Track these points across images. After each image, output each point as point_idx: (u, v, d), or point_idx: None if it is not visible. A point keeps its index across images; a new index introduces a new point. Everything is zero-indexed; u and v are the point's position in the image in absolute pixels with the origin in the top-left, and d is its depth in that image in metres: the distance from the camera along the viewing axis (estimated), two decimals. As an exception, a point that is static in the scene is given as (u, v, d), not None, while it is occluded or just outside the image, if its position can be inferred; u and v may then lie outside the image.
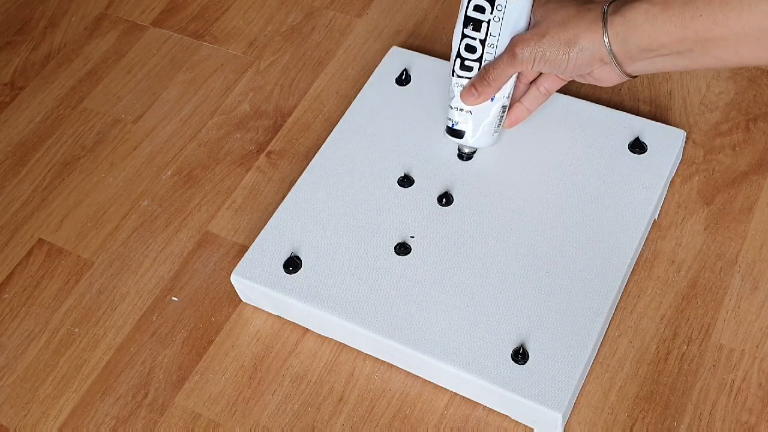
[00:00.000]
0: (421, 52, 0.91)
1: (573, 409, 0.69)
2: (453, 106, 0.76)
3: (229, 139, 0.91)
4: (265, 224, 0.78)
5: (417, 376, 0.73)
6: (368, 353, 0.74)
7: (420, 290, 0.73)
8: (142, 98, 0.96)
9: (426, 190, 0.79)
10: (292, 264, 0.75)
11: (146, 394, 0.74)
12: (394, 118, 0.84)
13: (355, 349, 0.75)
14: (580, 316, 0.70)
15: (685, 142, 0.82)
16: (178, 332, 0.78)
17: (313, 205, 0.79)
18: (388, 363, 0.74)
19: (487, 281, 0.72)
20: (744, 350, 0.71)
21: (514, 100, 0.77)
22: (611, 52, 0.66)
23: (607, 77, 0.70)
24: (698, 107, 0.86)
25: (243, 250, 0.81)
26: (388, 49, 0.91)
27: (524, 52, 0.69)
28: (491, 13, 0.71)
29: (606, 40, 0.66)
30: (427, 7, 1.00)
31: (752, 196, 0.80)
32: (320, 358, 0.75)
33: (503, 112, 0.76)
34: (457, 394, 0.71)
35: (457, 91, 0.75)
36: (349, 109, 0.86)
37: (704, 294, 0.74)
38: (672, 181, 0.81)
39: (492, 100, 0.74)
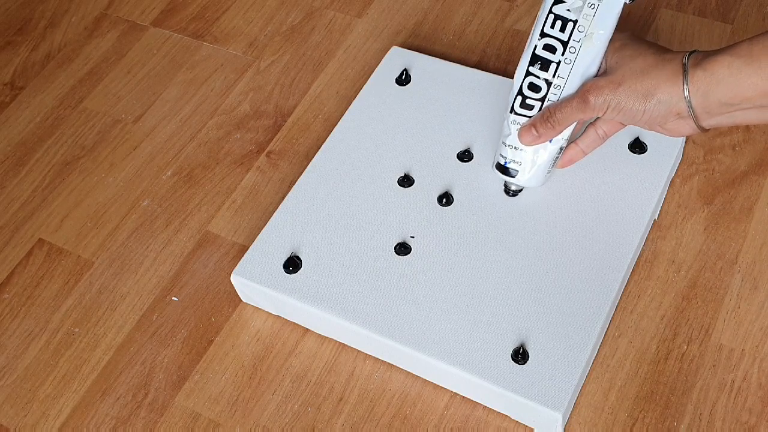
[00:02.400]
0: (421, 52, 0.91)
1: (573, 409, 0.69)
2: (508, 143, 0.73)
3: (229, 139, 0.91)
4: (265, 224, 0.78)
5: (417, 376, 0.73)
6: (368, 353, 0.74)
7: (420, 290, 0.73)
8: (142, 98, 0.96)
9: (426, 190, 0.79)
10: (292, 264, 0.75)
11: (146, 394, 0.74)
12: (394, 118, 0.84)
13: (355, 349, 0.75)
14: (580, 316, 0.70)
15: (685, 142, 0.82)
16: (178, 332, 0.78)
17: (313, 205, 0.79)
18: (388, 363, 0.74)
19: (487, 281, 0.72)
20: (744, 350, 0.71)
21: (569, 140, 0.74)
22: (690, 107, 0.64)
23: (679, 129, 0.67)
24: (698, 107, 0.86)
25: (243, 250, 0.81)
26: (388, 49, 0.91)
27: (598, 99, 0.67)
28: (562, 54, 0.68)
29: (686, 93, 0.63)
30: (427, 7, 1.00)
31: (752, 196, 0.80)
32: (320, 358, 0.75)
33: (559, 153, 0.73)
34: (457, 394, 0.71)
35: (514, 128, 0.72)
36: (349, 109, 0.86)
37: (704, 294, 0.74)
38: (672, 181, 0.81)
39: (550, 141, 0.72)
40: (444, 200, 0.78)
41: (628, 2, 0.67)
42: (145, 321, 0.79)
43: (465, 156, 0.80)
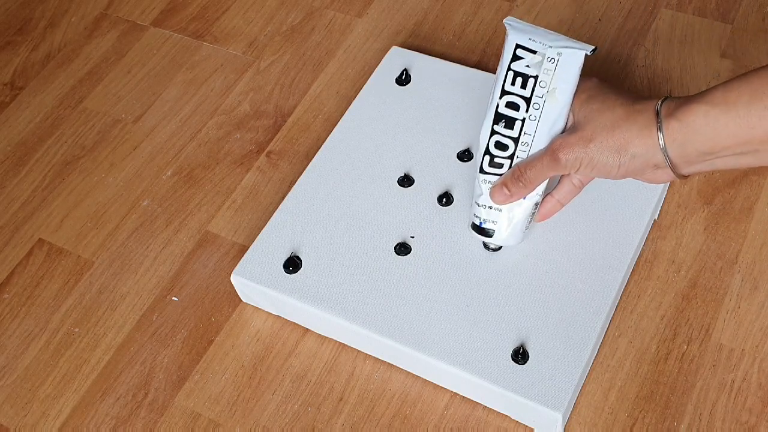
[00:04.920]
0: (421, 52, 0.91)
1: (573, 409, 0.69)
2: (481, 203, 0.71)
3: (229, 139, 0.91)
4: (265, 224, 0.78)
5: (417, 376, 0.73)
6: (368, 353, 0.74)
7: (420, 290, 0.73)
8: (142, 98, 0.96)
9: (426, 190, 0.79)
10: (292, 264, 0.75)
11: (146, 394, 0.74)
12: (394, 118, 0.84)
13: (355, 349, 0.75)
14: (580, 316, 0.70)
15: (685, 142, 0.82)
16: (178, 332, 0.78)
17: (313, 205, 0.79)
18: (388, 363, 0.74)
19: (487, 281, 0.72)
20: (744, 350, 0.71)
21: (545, 193, 0.72)
22: (667, 158, 0.62)
23: (657, 178, 0.65)
24: (698, 107, 0.86)
25: (243, 250, 0.81)
26: (388, 49, 0.91)
27: (569, 156, 0.64)
28: (526, 111, 0.66)
29: (662, 145, 0.61)
30: (427, 7, 1.00)
31: (752, 196, 0.80)
32: (320, 358, 0.75)
33: (535, 208, 0.71)
34: (457, 394, 0.71)
35: (485, 188, 0.70)
36: (349, 109, 0.86)
37: (704, 294, 0.74)
38: (672, 181, 0.81)
39: (524, 198, 0.69)
40: (444, 200, 0.78)
41: (589, 54, 0.64)
42: (145, 321, 0.79)
43: (465, 156, 0.80)
